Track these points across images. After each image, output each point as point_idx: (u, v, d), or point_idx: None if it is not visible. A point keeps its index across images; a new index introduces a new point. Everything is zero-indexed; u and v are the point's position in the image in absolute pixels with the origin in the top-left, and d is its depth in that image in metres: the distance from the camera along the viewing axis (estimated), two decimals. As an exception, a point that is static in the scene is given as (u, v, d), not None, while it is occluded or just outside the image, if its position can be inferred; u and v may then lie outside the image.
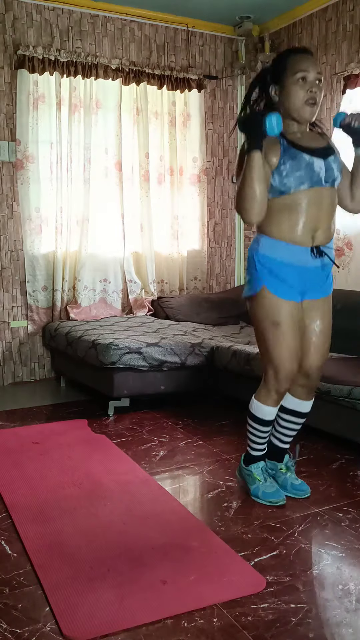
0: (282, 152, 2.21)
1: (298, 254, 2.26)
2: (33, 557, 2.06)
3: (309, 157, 2.20)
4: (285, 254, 2.27)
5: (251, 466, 2.54)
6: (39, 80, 4.28)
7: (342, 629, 1.70)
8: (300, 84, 2.20)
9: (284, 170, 2.19)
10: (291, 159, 2.19)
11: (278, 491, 2.48)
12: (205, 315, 4.63)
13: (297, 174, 2.18)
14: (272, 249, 2.28)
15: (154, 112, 4.72)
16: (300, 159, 2.19)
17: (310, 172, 2.20)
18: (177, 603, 1.80)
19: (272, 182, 2.21)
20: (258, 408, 2.43)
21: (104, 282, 4.67)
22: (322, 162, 2.22)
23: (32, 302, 4.48)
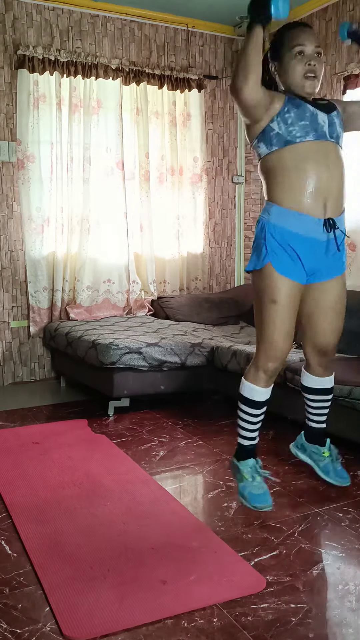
0: (286, 100, 2.18)
1: (311, 225, 2.19)
2: (33, 557, 2.06)
3: (313, 108, 2.19)
4: (298, 225, 2.19)
5: (241, 463, 2.42)
6: (39, 80, 4.28)
7: (342, 629, 1.70)
8: (298, 58, 2.18)
9: (289, 118, 2.15)
10: (295, 108, 2.17)
11: (265, 494, 2.36)
12: (205, 315, 4.63)
13: (301, 122, 2.15)
14: (284, 219, 2.20)
15: (154, 112, 4.72)
16: (305, 108, 2.17)
17: (315, 123, 2.17)
18: (177, 603, 1.80)
19: (277, 129, 2.16)
20: (249, 389, 2.35)
21: (107, 283, 4.66)
22: (325, 116, 2.20)
23: (34, 303, 4.47)
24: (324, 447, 2.59)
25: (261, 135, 2.21)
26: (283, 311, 2.24)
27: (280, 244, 2.21)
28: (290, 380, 3.15)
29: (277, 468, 2.85)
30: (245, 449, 2.44)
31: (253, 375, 2.35)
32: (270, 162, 2.22)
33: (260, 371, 2.33)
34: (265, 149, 2.22)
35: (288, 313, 2.26)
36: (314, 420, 2.58)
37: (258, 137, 2.22)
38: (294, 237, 2.20)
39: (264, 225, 2.24)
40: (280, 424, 3.40)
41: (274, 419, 3.51)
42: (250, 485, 2.37)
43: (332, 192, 2.21)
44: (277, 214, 2.21)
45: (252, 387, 2.35)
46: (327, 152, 2.19)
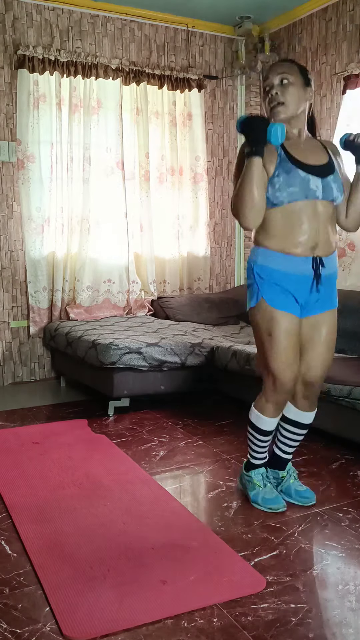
0: (278, 162, 2.19)
1: (298, 263, 2.22)
2: (33, 557, 2.06)
3: (305, 174, 2.17)
4: (284, 264, 2.23)
5: (251, 472, 2.50)
6: (39, 80, 4.28)
7: (343, 629, 1.70)
8: (266, 93, 2.24)
9: (277, 182, 2.16)
10: (285, 173, 2.16)
11: (278, 497, 2.45)
12: (205, 315, 4.63)
13: (289, 189, 2.16)
14: (270, 260, 2.25)
15: (154, 112, 4.72)
16: (295, 175, 2.16)
17: (306, 189, 2.16)
18: (177, 603, 1.80)
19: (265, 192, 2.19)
20: (257, 418, 2.41)
21: (108, 283, 4.66)
22: (320, 180, 2.18)
23: (34, 303, 4.47)
24: (282, 471, 2.56)
25: None
26: (281, 343, 2.26)
27: (269, 283, 2.26)
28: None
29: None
30: (256, 465, 2.52)
31: (262, 406, 2.40)
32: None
33: (270, 403, 2.37)
34: None
35: (286, 345, 2.27)
36: (282, 449, 2.54)
37: None
38: (281, 275, 2.24)
39: (252, 268, 2.30)
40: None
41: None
42: (262, 492, 2.46)
43: (321, 239, 2.22)
44: (264, 256, 2.26)
45: (260, 417, 2.40)
46: (316, 209, 2.19)
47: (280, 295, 2.25)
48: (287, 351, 2.27)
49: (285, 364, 2.28)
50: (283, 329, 2.26)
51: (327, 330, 2.35)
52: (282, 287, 2.25)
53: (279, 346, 2.27)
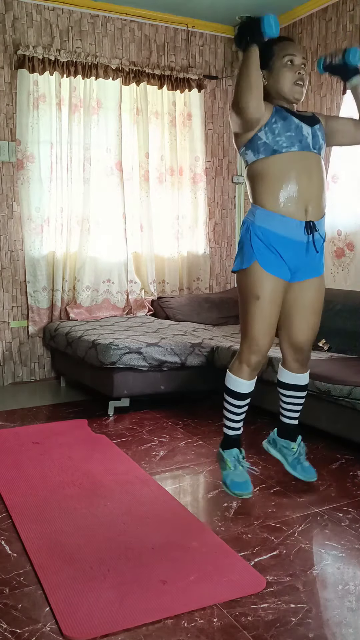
0: (274, 111, 2.31)
1: (293, 227, 2.31)
2: (33, 557, 2.06)
3: (298, 121, 2.32)
4: (280, 227, 2.31)
5: (225, 451, 2.55)
6: (39, 80, 4.28)
7: (343, 629, 1.70)
8: (289, 67, 2.33)
9: (276, 128, 2.28)
10: (282, 119, 2.30)
11: (246, 483, 2.48)
12: (205, 315, 4.63)
13: (287, 133, 2.28)
14: (268, 221, 2.31)
15: (154, 112, 4.72)
16: (290, 121, 2.31)
17: (300, 134, 2.30)
18: (177, 603, 1.80)
19: (265, 139, 2.29)
20: (232, 380, 2.46)
21: (107, 283, 4.66)
22: (309, 128, 2.34)
23: (33, 303, 4.48)
24: (294, 442, 2.67)
25: (249, 143, 2.33)
26: (266, 307, 2.35)
27: (265, 244, 2.33)
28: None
29: (277, 468, 2.85)
30: (230, 438, 2.56)
31: (237, 368, 2.46)
32: (256, 169, 2.35)
33: (244, 364, 2.44)
34: (253, 157, 2.34)
35: (271, 309, 2.36)
36: (286, 415, 2.66)
37: (246, 144, 2.35)
38: (277, 237, 2.32)
39: (249, 227, 2.36)
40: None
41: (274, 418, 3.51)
42: (232, 474, 2.50)
43: (313, 198, 2.33)
44: (262, 216, 2.33)
45: (236, 380, 2.46)
46: (309, 161, 2.32)
47: (273, 259, 2.33)
48: (271, 316, 2.36)
49: (266, 329, 2.37)
50: (271, 293, 2.34)
51: (315, 295, 2.46)
52: (276, 250, 2.32)
53: (266, 311, 2.35)
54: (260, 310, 2.34)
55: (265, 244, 2.32)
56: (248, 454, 3.05)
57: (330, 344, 3.71)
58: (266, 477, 2.76)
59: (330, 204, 4.24)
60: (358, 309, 3.74)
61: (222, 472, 2.57)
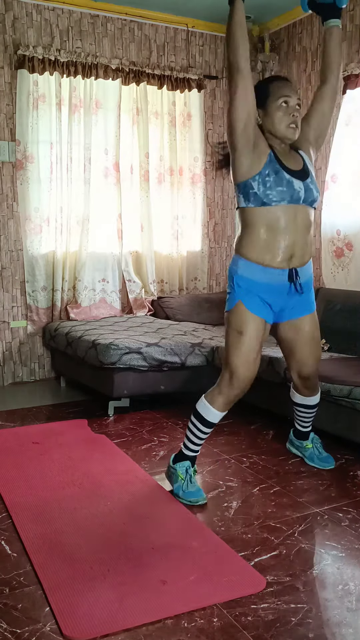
0: (268, 162, 2.34)
1: (274, 275, 2.40)
2: (33, 557, 2.06)
3: (289, 177, 2.35)
4: (262, 276, 2.40)
5: (177, 464, 2.58)
6: (39, 80, 4.28)
7: (342, 629, 1.70)
8: (284, 109, 2.36)
9: (268, 181, 2.32)
10: (274, 174, 2.33)
11: (199, 491, 2.51)
12: (205, 315, 4.63)
13: (278, 188, 2.32)
14: (250, 271, 2.41)
15: (154, 112, 4.72)
16: (282, 176, 2.34)
17: (291, 189, 2.34)
18: (177, 603, 1.80)
19: (256, 190, 2.32)
20: (205, 408, 2.50)
21: (102, 282, 4.67)
22: (301, 183, 2.37)
23: (32, 303, 4.48)
24: (307, 441, 2.93)
25: (243, 187, 2.36)
26: (247, 342, 2.43)
27: (247, 291, 2.43)
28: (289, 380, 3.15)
29: (277, 468, 2.86)
30: (186, 455, 2.60)
31: (214, 398, 2.51)
32: (244, 215, 2.41)
33: (221, 395, 2.49)
34: (243, 203, 2.39)
35: (251, 345, 2.43)
36: (301, 425, 2.89)
37: (239, 186, 2.38)
38: (259, 286, 2.42)
39: (232, 277, 2.46)
40: (280, 423, 3.40)
41: (274, 418, 3.51)
42: (184, 485, 2.54)
43: (298, 247, 2.41)
44: (244, 267, 2.43)
45: (209, 408, 2.51)
46: (296, 214, 2.37)
47: (255, 301, 2.43)
48: (250, 351, 2.43)
49: (246, 363, 2.43)
50: (252, 330, 2.43)
51: (310, 330, 2.58)
52: (259, 296, 2.43)
53: (245, 345, 2.42)
54: (242, 344, 2.42)
55: (247, 290, 2.42)
56: (248, 453, 3.06)
57: (330, 344, 3.71)
58: (266, 477, 2.76)
59: (329, 204, 4.24)
60: (358, 309, 3.74)
61: (173, 485, 2.57)
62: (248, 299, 2.42)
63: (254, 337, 2.43)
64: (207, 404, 2.50)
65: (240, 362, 2.43)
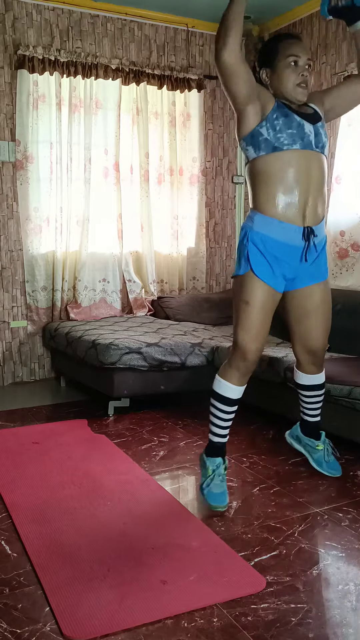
0: (276, 106, 2.25)
1: (290, 233, 2.28)
2: (33, 557, 2.06)
3: (299, 119, 2.27)
4: (279, 233, 2.29)
5: (209, 459, 2.49)
6: (38, 80, 4.28)
7: (343, 629, 1.70)
8: (292, 68, 2.27)
9: (277, 124, 2.23)
10: (283, 116, 2.24)
11: (223, 494, 2.42)
12: (205, 315, 4.63)
13: (289, 131, 2.23)
14: (266, 226, 2.29)
15: (153, 112, 4.72)
16: (292, 118, 2.25)
17: (302, 132, 2.25)
18: (177, 603, 1.80)
19: (266, 135, 2.23)
20: (221, 385, 2.43)
21: (102, 282, 4.67)
22: (312, 126, 2.28)
23: (32, 302, 4.49)
24: (318, 441, 2.73)
25: (250, 138, 2.28)
26: (254, 313, 2.33)
27: (261, 251, 2.30)
28: (289, 380, 3.15)
29: (277, 468, 2.86)
30: (215, 445, 2.50)
31: (227, 372, 2.43)
32: (256, 167, 2.31)
33: (234, 369, 2.41)
34: (253, 153, 2.30)
35: (259, 315, 2.33)
36: (308, 414, 2.72)
37: (246, 139, 2.30)
38: (275, 243, 2.30)
39: (247, 233, 2.33)
40: (280, 424, 3.40)
41: (274, 418, 3.51)
42: (212, 484, 2.45)
43: (311, 200, 2.30)
44: (260, 221, 2.31)
45: (226, 384, 2.43)
46: (310, 161, 2.28)
47: (268, 267, 2.31)
48: (259, 323, 2.34)
49: (255, 335, 2.34)
50: (261, 300, 2.32)
51: (322, 299, 2.46)
52: (274, 256, 2.30)
53: (254, 316, 2.33)
54: (248, 315, 2.33)
55: (261, 250, 2.30)
56: (248, 453, 3.06)
57: (330, 344, 3.70)
58: (266, 477, 2.76)
59: (334, 205, 4.23)
60: (358, 309, 3.74)
61: (201, 478, 2.50)
62: (260, 264, 2.29)
63: (261, 308, 2.32)
64: (223, 380, 2.42)
65: (248, 336, 2.34)
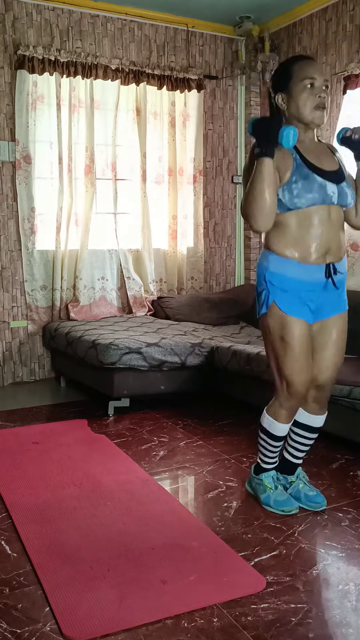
0: (294, 168, 2.15)
1: (311, 271, 2.21)
2: (33, 557, 2.06)
3: (322, 180, 2.16)
4: (298, 273, 2.20)
5: (261, 475, 2.48)
6: (38, 80, 4.28)
7: (343, 629, 1.70)
8: (309, 90, 2.17)
9: (295, 189, 2.13)
10: (303, 179, 2.14)
11: (290, 500, 2.42)
12: (205, 315, 4.63)
13: (308, 195, 2.13)
14: (284, 267, 2.21)
15: (153, 112, 4.73)
16: (313, 181, 2.14)
17: (323, 194, 2.15)
18: (177, 603, 1.80)
19: (281, 197, 2.15)
20: (270, 424, 2.37)
21: (102, 280, 4.68)
22: (335, 187, 2.18)
23: (31, 302, 4.49)
24: (292, 476, 2.53)
25: None
26: (294, 347, 2.24)
27: (282, 290, 2.22)
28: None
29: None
30: (265, 469, 2.50)
31: (276, 411, 2.37)
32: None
33: (283, 409, 2.35)
34: None
35: (299, 349, 2.24)
36: (292, 454, 2.52)
37: None
38: (294, 283, 2.21)
39: (263, 274, 2.25)
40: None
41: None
42: (274, 494, 2.44)
43: (332, 244, 2.22)
44: (276, 263, 2.22)
45: (273, 423, 2.37)
46: (328, 213, 2.19)
47: (292, 301, 2.22)
48: (301, 357, 2.25)
49: (299, 370, 2.26)
50: (296, 335, 2.23)
51: (338, 332, 2.34)
52: (295, 294, 2.22)
53: (293, 352, 2.24)
54: (289, 351, 2.24)
55: (281, 288, 2.21)
56: (248, 453, 3.06)
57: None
58: (266, 477, 2.76)
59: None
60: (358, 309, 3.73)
61: (260, 496, 2.46)
62: (283, 299, 2.22)
63: (300, 341, 2.23)
64: (272, 419, 2.36)
65: (294, 371, 2.25)
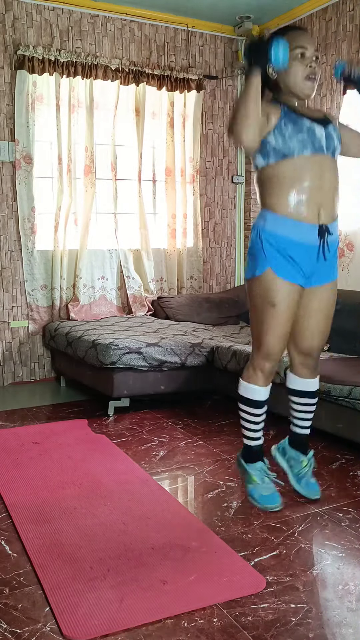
0: (283, 114, 2.19)
1: (305, 231, 2.21)
2: (33, 557, 2.06)
3: (310, 122, 2.19)
4: (292, 231, 2.21)
5: (249, 466, 2.47)
6: (37, 80, 4.28)
7: (343, 629, 1.70)
8: (300, 60, 2.20)
9: (286, 131, 2.16)
10: (292, 123, 2.17)
11: (274, 495, 2.42)
12: (205, 315, 4.63)
13: (299, 136, 2.16)
14: (279, 225, 2.21)
15: (152, 112, 4.73)
16: (301, 123, 2.18)
17: (312, 136, 2.18)
18: (177, 603, 1.80)
19: (274, 144, 2.17)
20: (247, 388, 2.38)
21: (101, 280, 4.68)
22: (323, 129, 2.21)
23: (32, 302, 4.49)
24: (304, 457, 2.54)
25: (259, 149, 2.22)
26: (281, 314, 2.26)
27: (277, 250, 2.23)
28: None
29: (278, 468, 2.85)
30: (251, 449, 2.47)
31: (251, 375, 2.38)
32: (266, 174, 2.24)
33: (258, 371, 2.36)
34: (262, 162, 2.24)
35: (286, 316, 2.27)
36: (297, 425, 2.54)
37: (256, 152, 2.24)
38: (289, 242, 2.22)
39: (259, 233, 2.25)
40: (281, 424, 3.40)
41: (275, 418, 3.51)
42: (260, 488, 2.43)
43: (325, 202, 2.23)
44: (272, 220, 2.23)
45: (251, 387, 2.38)
46: (322, 164, 2.21)
47: (287, 264, 2.23)
48: (286, 323, 2.28)
49: (281, 335, 2.29)
50: (287, 300, 2.24)
51: (329, 299, 2.36)
52: (289, 256, 2.22)
53: (279, 318, 2.25)
54: (276, 318, 2.25)
55: (277, 249, 2.22)
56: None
57: (330, 344, 3.71)
58: (266, 477, 2.76)
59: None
60: (358, 309, 3.74)
61: (247, 485, 2.47)
62: (278, 262, 2.21)
63: (289, 308, 2.25)
64: (249, 384, 2.37)
65: (275, 337, 2.27)
